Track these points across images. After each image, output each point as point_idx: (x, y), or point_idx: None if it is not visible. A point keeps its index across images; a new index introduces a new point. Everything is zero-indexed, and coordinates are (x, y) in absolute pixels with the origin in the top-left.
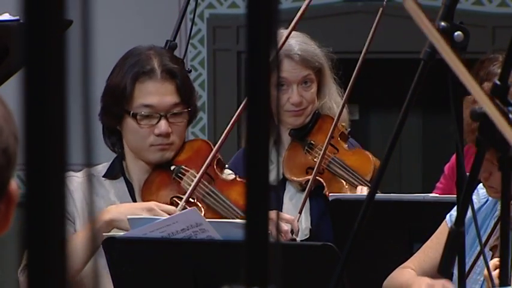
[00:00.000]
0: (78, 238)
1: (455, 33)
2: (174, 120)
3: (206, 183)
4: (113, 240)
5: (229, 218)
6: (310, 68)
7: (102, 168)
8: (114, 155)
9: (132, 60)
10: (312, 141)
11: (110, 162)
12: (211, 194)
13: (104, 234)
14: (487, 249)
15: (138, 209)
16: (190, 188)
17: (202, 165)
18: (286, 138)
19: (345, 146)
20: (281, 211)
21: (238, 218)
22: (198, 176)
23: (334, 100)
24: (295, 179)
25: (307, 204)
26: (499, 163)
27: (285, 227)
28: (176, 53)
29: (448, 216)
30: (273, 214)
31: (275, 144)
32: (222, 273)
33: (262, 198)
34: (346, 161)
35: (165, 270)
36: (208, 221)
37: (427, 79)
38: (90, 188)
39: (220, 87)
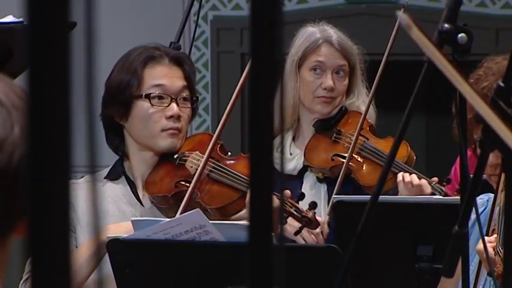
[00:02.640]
0: (80, 252)
1: (459, 35)
2: (183, 105)
3: (212, 161)
4: (117, 242)
5: (238, 188)
6: (346, 59)
7: (104, 173)
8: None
9: (137, 52)
10: (340, 129)
11: (111, 166)
12: (218, 168)
13: (108, 236)
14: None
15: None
16: (198, 170)
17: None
18: (309, 130)
19: (374, 136)
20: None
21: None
22: (205, 156)
23: (363, 101)
24: (319, 166)
25: (326, 195)
26: (502, 164)
27: (317, 229)
28: None
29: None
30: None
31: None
32: (225, 275)
33: (265, 199)
34: (378, 146)
35: (168, 272)
36: (212, 223)
37: (430, 81)
38: (94, 194)
39: (223, 89)
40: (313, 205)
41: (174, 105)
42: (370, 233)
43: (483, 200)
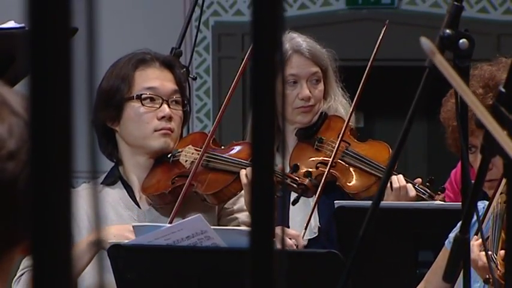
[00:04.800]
0: (78, 246)
1: (460, 41)
2: (174, 108)
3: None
4: (118, 248)
5: (232, 171)
6: (318, 65)
7: (101, 179)
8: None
9: (126, 58)
10: (321, 137)
11: (107, 172)
12: (211, 156)
13: (109, 241)
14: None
15: (122, 230)
16: (194, 166)
17: (199, 146)
18: (292, 139)
19: (355, 140)
20: (288, 211)
21: (243, 168)
22: (202, 150)
23: (340, 102)
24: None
25: (314, 200)
26: (504, 170)
27: (290, 241)
28: (181, 60)
29: (447, 241)
30: (278, 230)
31: (280, 148)
32: (227, 280)
33: (267, 205)
34: (360, 151)
35: (170, 278)
36: (214, 229)
37: (432, 87)
38: (95, 198)
39: (225, 94)
40: (295, 167)
41: (165, 106)
42: (371, 238)
43: (479, 207)
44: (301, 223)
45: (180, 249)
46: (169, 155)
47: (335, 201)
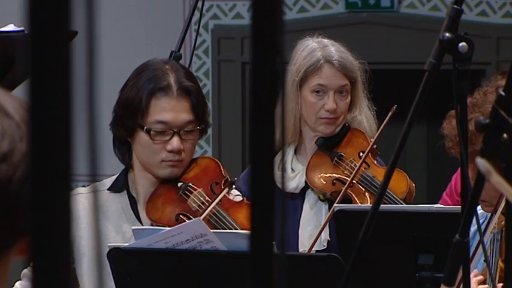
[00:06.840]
0: None
1: (460, 44)
2: (186, 138)
3: (216, 207)
4: (118, 251)
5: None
6: (348, 77)
7: (109, 181)
8: (121, 166)
9: (148, 75)
10: (342, 153)
11: (117, 175)
12: (217, 214)
13: (109, 244)
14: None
15: None
16: (204, 213)
17: (209, 184)
18: (311, 146)
19: (375, 162)
20: (300, 219)
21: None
22: (213, 203)
23: (365, 115)
24: (320, 189)
25: (327, 214)
26: (504, 175)
27: None
28: (181, 63)
29: None
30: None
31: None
32: (227, 284)
33: (267, 208)
34: (378, 177)
35: (169, 281)
36: (213, 232)
37: (432, 90)
38: (95, 206)
39: (224, 98)
40: None
41: (175, 139)
42: (371, 242)
43: (481, 211)
44: (311, 233)
45: (180, 252)
46: (179, 184)
47: (334, 205)
